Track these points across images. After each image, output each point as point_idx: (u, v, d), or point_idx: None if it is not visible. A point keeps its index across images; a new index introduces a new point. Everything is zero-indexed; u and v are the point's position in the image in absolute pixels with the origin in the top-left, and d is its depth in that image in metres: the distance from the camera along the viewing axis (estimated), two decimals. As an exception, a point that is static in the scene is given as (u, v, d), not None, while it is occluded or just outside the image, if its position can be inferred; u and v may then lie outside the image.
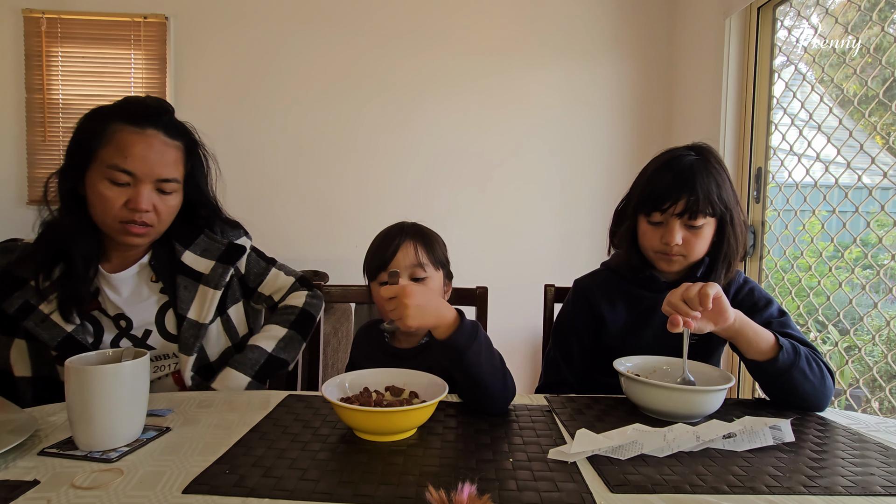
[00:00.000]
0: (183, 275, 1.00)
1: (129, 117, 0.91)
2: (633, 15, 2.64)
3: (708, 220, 0.95)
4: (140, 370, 0.68)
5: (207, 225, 1.06)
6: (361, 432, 0.69)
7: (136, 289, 0.99)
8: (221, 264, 1.02)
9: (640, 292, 1.05)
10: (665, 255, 0.97)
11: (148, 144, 0.90)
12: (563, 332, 1.12)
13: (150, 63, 2.54)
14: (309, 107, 2.63)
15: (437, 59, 2.62)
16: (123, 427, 0.66)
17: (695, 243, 0.96)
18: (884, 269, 1.57)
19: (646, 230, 0.99)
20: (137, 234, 0.92)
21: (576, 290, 1.13)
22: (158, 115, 0.93)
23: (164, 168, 0.92)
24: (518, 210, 2.68)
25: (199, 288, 1.00)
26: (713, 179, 0.94)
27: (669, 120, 2.65)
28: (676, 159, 0.97)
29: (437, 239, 1.02)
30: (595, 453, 0.64)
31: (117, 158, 0.88)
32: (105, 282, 0.97)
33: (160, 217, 0.94)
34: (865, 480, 0.60)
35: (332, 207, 2.66)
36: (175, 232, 1.01)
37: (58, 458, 0.62)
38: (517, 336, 2.55)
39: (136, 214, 0.90)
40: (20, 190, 2.55)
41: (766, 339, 0.84)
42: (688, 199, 0.92)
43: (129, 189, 0.89)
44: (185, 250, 1.01)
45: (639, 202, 1.00)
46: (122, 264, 0.99)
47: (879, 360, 1.59)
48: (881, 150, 1.59)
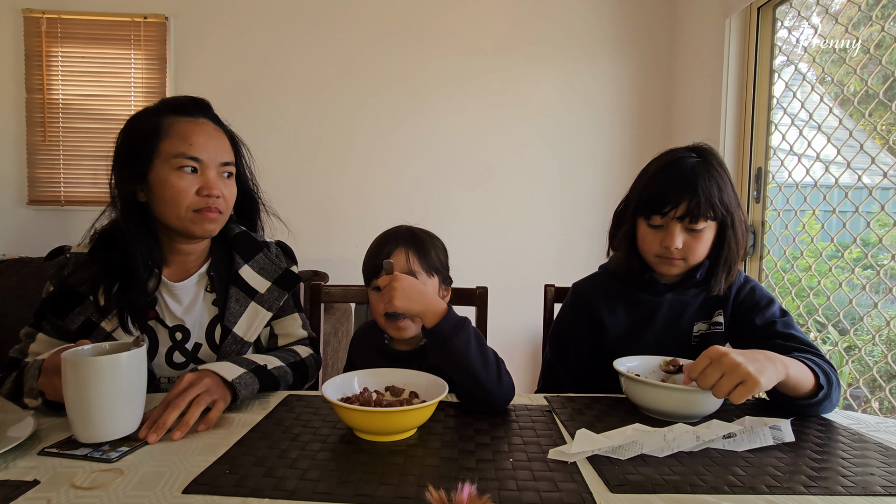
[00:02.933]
0: (237, 287, 0.99)
1: (177, 109, 0.92)
2: (633, 15, 2.64)
3: (709, 224, 0.93)
4: (137, 361, 0.68)
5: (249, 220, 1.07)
6: (361, 432, 0.69)
7: (195, 298, 0.98)
8: (278, 288, 1.02)
9: (640, 296, 1.03)
10: (665, 258, 0.96)
11: (205, 131, 0.92)
12: (561, 336, 1.11)
13: (150, 63, 2.54)
14: (309, 106, 2.63)
15: (437, 58, 2.62)
16: (122, 419, 0.66)
17: (695, 247, 0.94)
18: (884, 270, 1.57)
19: (646, 233, 0.98)
20: (213, 219, 0.92)
21: (574, 294, 1.11)
22: (205, 106, 0.97)
23: (224, 152, 0.94)
24: (518, 210, 2.68)
25: (251, 305, 0.99)
26: (715, 182, 0.92)
27: (669, 120, 2.65)
28: (677, 161, 0.95)
29: (435, 243, 1.01)
30: (595, 453, 0.64)
31: (183, 147, 0.89)
32: (166, 290, 0.96)
33: (227, 203, 0.95)
34: (865, 480, 0.60)
35: (332, 207, 2.66)
36: (237, 244, 1.02)
37: (58, 457, 0.62)
38: (517, 336, 2.55)
39: (210, 200, 0.90)
40: (20, 190, 2.55)
41: (807, 380, 0.79)
42: (689, 202, 0.90)
43: (198, 177, 0.90)
44: (244, 264, 1.01)
45: (638, 205, 0.98)
46: (181, 272, 0.98)
47: (879, 360, 1.59)
48: (881, 150, 1.59)
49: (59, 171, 2.53)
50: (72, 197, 2.54)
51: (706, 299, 1.02)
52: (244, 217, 1.08)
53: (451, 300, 1.29)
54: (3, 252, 2.47)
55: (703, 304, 1.02)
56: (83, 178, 2.53)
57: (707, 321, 1.03)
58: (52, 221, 2.57)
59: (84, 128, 2.51)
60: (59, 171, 2.53)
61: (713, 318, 1.02)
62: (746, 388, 0.69)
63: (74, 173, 2.53)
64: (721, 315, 1.01)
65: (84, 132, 2.51)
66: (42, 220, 2.57)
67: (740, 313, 1.00)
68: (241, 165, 1.02)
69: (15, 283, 2.15)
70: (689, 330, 1.02)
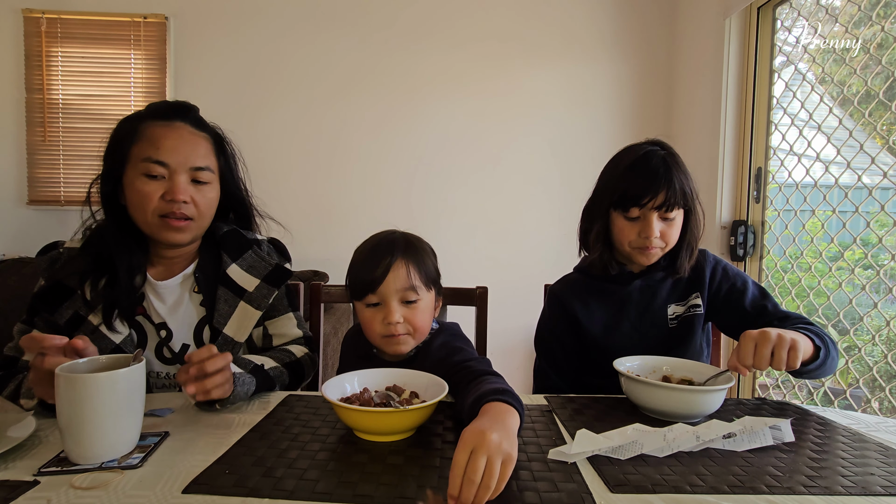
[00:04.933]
0: (225, 287, 0.98)
1: (155, 114, 0.92)
2: (633, 15, 2.64)
3: (679, 212, 1.00)
4: (136, 378, 0.64)
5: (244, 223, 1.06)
6: (361, 432, 0.69)
7: (179, 299, 0.97)
8: (267, 285, 1.00)
9: (611, 287, 1.08)
10: (643, 248, 1.00)
11: (178, 135, 0.91)
12: (544, 339, 1.14)
13: (150, 63, 2.54)
14: (309, 106, 2.63)
15: (438, 58, 2.62)
16: (119, 439, 0.62)
17: (670, 233, 1.00)
18: (884, 270, 1.57)
19: (623, 226, 1.02)
20: (178, 227, 0.91)
21: (550, 296, 1.15)
22: (185, 110, 0.95)
23: (196, 157, 0.92)
24: (518, 210, 2.68)
25: (240, 305, 0.98)
26: (682, 172, 0.99)
27: (669, 120, 2.65)
28: (647, 155, 1.00)
29: (428, 251, 0.92)
30: (595, 453, 0.64)
31: (150, 151, 0.88)
32: (151, 289, 0.96)
33: (199, 210, 0.93)
34: (865, 480, 0.60)
35: (332, 207, 2.66)
36: (225, 243, 1.01)
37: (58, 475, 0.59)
38: (517, 336, 2.55)
39: (175, 206, 0.89)
40: (20, 190, 2.55)
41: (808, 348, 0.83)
42: (666, 191, 0.96)
43: (164, 182, 0.89)
44: (231, 263, 1.00)
45: (615, 199, 1.01)
46: (167, 272, 0.98)
47: (879, 360, 1.59)
48: (881, 150, 1.59)
49: (58, 171, 2.53)
50: (71, 197, 2.54)
51: (675, 282, 1.07)
52: (238, 219, 1.08)
53: (451, 300, 1.29)
54: (3, 252, 2.47)
55: (673, 287, 1.07)
56: (83, 178, 2.54)
57: (682, 303, 1.07)
58: (52, 221, 2.57)
59: (84, 128, 2.52)
60: (58, 171, 2.53)
61: (689, 301, 1.07)
62: (797, 351, 0.77)
63: (74, 173, 2.53)
64: (698, 297, 1.06)
65: (84, 132, 2.52)
66: (42, 220, 2.57)
67: (719, 295, 1.06)
68: (227, 168, 1.00)
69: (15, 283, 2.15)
70: (664, 313, 1.07)
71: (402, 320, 0.85)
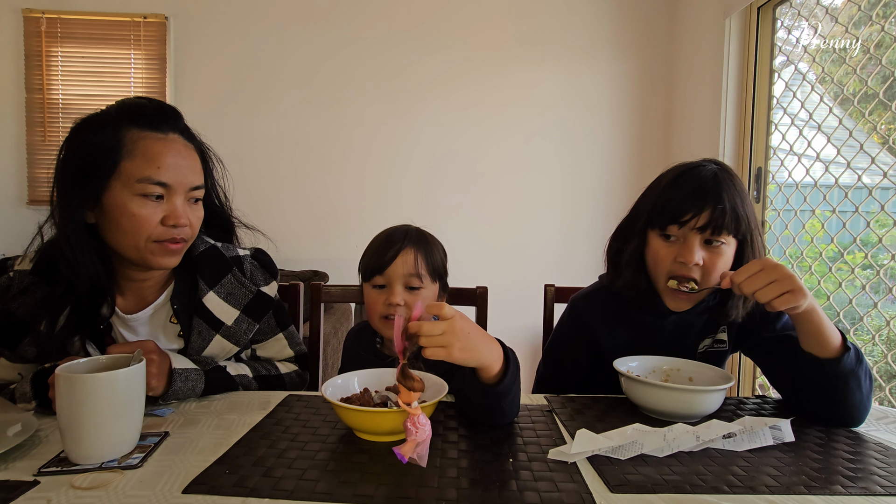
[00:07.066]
0: (200, 318, 0.88)
1: (144, 122, 0.79)
2: (633, 15, 2.64)
3: (730, 240, 0.84)
4: (136, 378, 0.64)
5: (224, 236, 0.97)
6: (361, 432, 0.69)
7: (153, 331, 0.88)
8: (247, 318, 0.92)
9: (642, 317, 0.95)
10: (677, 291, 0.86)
11: (175, 150, 0.80)
12: (556, 352, 1.06)
13: (150, 63, 2.54)
14: (308, 106, 2.63)
15: (438, 58, 2.63)
16: (119, 439, 0.62)
17: (714, 264, 0.83)
18: (884, 269, 1.57)
19: (658, 247, 0.87)
20: (174, 251, 0.82)
21: (573, 311, 1.03)
22: (175, 118, 0.84)
23: (195, 174, 0.83)
24: (518, 209, 2.68)
25: (216, 338, 0.89)
26: (738, 193, 0.83)
27: (669, 119, 2.65)
28: (696, 169, 0.86)
29: (438, 247, 0.98)
30: (595, 453, 0.64)
31: (149, 170, 0.77)
32: (120, 322, 0.86)
33: (193, 230, 0.84)
34: (865, 480, 0.60)
35: (332, 207, 2.66)
36: (202, 265, 0.90)
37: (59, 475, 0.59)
38: (517, 336, 2.55)
39: (176, 231, 0.80)
40: (20, 190, 2.55)
41: (833, 332, 0.75)
42: (712, 210, 0.81)
43: (162, 203, 0.79)
44: (209, 290, 0.89)
45: (652, 215, 0.87)
46: (137, 302, 0.88)
47: (879, 360, 1.59)
48: (881, 149, 1.59)
49: (58, 171, 2.53)
50: (72, 197, 2.54)
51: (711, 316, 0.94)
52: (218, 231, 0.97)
53: (451, 300, 1.29)
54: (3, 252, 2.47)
55: (707, 321, 0.95)
56: (83, 178, 2.53)
57: (711, 336, 0.97)
58: (52, 221, 2.57)
59: (84, 128, 2.52)
60: (58, 171, 2.53)
61: (717, 336, 0.96)
62: (794, 296, 0.70)
63: (74, 173, 2.53)
64: (724, 332, 0.95)
65: (84, 132, 2.52)
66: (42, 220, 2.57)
67: (750, 327, 0.92)
68: (211, 183, 0.91)
69: (15, 283, 2.15)
70: (694, 348, 0.96)
71: (402, 303, 0.89)
